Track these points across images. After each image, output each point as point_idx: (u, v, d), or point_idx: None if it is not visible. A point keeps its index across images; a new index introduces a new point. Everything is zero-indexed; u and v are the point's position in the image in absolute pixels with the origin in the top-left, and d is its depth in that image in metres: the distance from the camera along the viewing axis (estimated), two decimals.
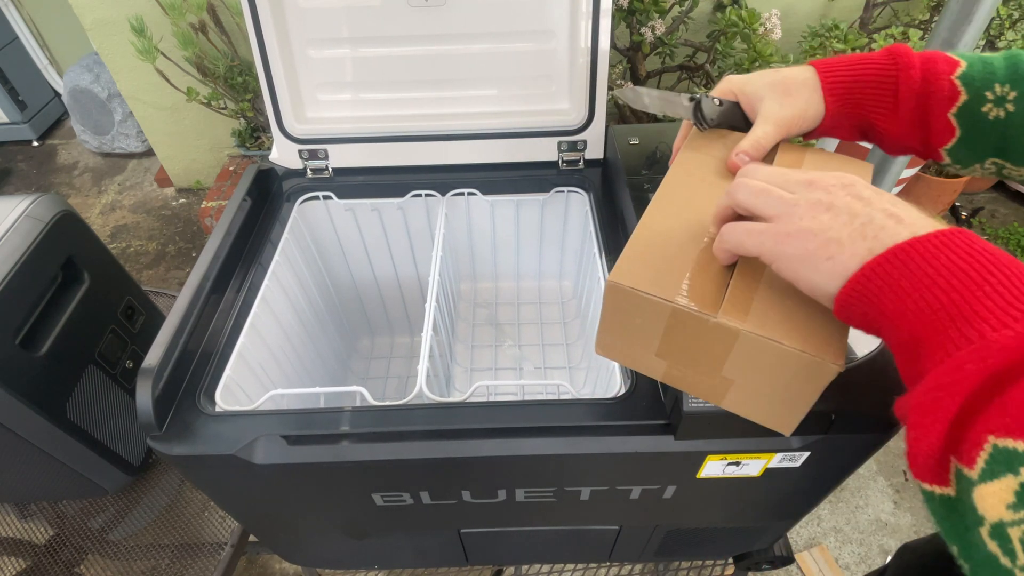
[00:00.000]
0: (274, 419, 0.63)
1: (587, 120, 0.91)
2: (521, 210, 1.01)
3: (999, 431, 0.28)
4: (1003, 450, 0.28)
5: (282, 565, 1.43)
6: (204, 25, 1.86)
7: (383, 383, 1.14)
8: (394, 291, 1.15)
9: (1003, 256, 0.34)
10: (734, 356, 0.43)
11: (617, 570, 1.04)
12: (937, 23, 1.32)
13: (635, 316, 0.45)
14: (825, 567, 1.41)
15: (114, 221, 2.42)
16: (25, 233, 0.81)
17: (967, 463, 0.29)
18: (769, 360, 0.42)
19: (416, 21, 0.85)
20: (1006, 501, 0.27)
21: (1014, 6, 1.83)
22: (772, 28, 1.62)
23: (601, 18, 0.83)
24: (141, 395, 0.60)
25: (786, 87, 0.53)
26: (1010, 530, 0.27)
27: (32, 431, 0.81)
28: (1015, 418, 0.28)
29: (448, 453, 0.61)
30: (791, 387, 0.43)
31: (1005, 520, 0.27)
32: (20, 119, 2.72)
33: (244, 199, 0.86)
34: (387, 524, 0.77)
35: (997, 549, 0.27)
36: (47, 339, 0.83)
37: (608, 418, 0.61)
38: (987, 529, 0.28)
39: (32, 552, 1.00)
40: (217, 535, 1.01)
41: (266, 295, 0.80)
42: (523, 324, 1.15)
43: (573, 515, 0.75)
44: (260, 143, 2.15)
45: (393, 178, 0.95)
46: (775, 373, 0.42)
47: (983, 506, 0.28)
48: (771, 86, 0.54)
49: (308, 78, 0.90)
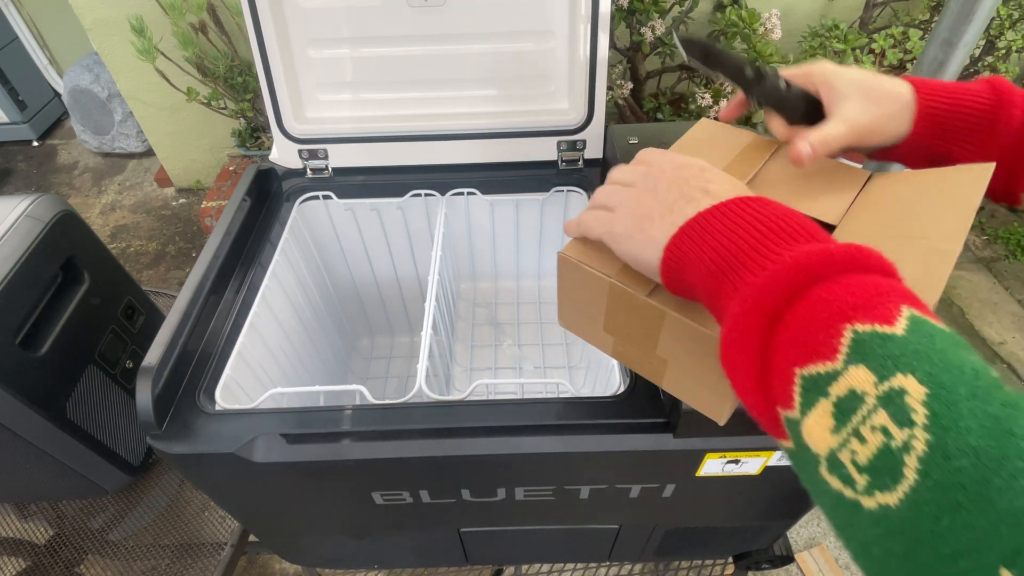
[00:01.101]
0: (274, 418, 0.63)
1: (586, 120, 0.91)
2: (521, 210, 1.01)
3: (799, 361, 0.28)
4: (808, 377, 0.28)
5: (282, 565, 1.43)
6: (204, 25, 1.86)
7: (383, 382, 1.14)
8: (394, 291, 1.15)
9: (774, 211, 0.35)
10: (664, 337, 0.45)
11: (617, 570, 1.04)
12: (937, 23, 1.32)
13: (583, 290, 0.48)
14: (825, 567, 1.41)
15: (114, 221, 2.42)
16: (25, 233, 0.81)
17: (787, 406, 0.29)
18: (694, 344, 0.43)
19: (416, 21, 0.85)
20: (828, 426, 0.27)
21: (1014, 6, 1.83)
22: (772, 28, 1.62)
23: (600, 18, 0.83)
24: (141, 394, 0.60)
25: (876, 95, 0.50)
26: (841, 455, 0.26)
27: (32, 431, 0.82)
28: (802, 342, 0.28)
29: (448, 452, 0.61)
30: (719, 374, 0.43)
31: (834, 447, 0.26)
32: (20, 119, 2.73)
33: (244, 199, 0.86)
34: (387, 523, 0.77)
35: (838, 482, 0.26)
36: (47, 339, 0.83)
37: (607, 416, 0.62)
38: (825, 466, 0.27)
39: (32, 552, 1.01)
40: (217, 535, 1.01)
41: (266, 295, 0.80)
42: (522, 323, 1.15)
43: (573, 514, 0.75)
44: (260, 143, 2.15)
45: (393, 178, 0.95)
46: (702, 358, 0.43)
47: (813, 442, 0.28)
48: (861, 89, 0.50)
49: (308, 78, 0.90)
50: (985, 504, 0.22)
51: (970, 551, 0.22)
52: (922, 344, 0.26)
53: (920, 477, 0.23)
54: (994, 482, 0.22)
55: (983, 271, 2.04)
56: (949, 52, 1.31)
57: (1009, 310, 1.91)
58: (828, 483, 0.27)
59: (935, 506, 0.23)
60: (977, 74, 1.94)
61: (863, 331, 0.27)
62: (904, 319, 0.27)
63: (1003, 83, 0.49)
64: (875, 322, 0.27)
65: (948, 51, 1.31)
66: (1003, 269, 2.04)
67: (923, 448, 0.24)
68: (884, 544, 0.24)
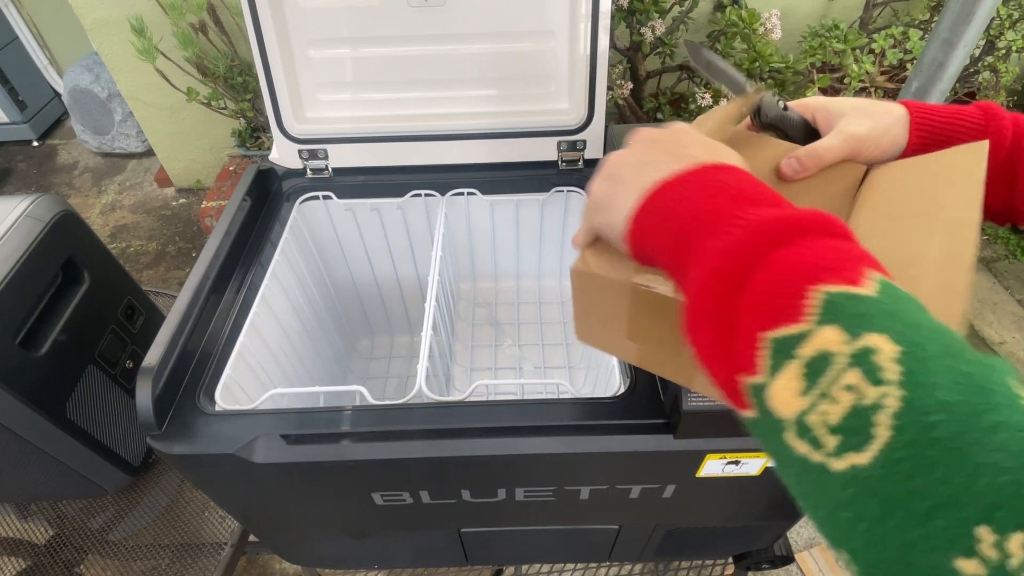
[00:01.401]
0: (274, 418, 0.63)
1: (587, 120, 0.91)
2: (521, 210, 1.01)
3: (766, 324, 0.28)
4: (777, 340, 0.27)
5: (282, 565, 1.43)
6: (204, 25, 1.86)
7: (383, 383, 1.14)
8: (394, 291, 1.15)
9: (738, 178, 0.35)
10: None
11: (617, 570, 1.04)
12: (937, 23, 1.32)
13: (601, 300, 0.46)
14: (825, 567, 1.41)
15: (114, 221, 2.42)
16: (25, 233, 0.81)
17: (752, 372, 0.28)
18: None
19: (416, 21, 0.85)
20: (796, 389, 0.26)
21: (1014, 6, 1.83)
22: (772, 28, 1.62)
23: (601, 18, 0.83)
24: (141, 394, 0.60)
25: (871, 111, 0.52)
26: (809, 418, 0.25)
27: (32, 431, 0.82)
28: (770, 305, 0.28)
29: (448, 452, 0.61)
30: None
31: (803, 409, 0.26)
32: (20, 119, 2.72)
33: (244, 199, 0.86)
34: (387, 523, 0.77)
35: (806, 446, 0.25)
36: (47, 339, 0.83)
37: (607, 417, 0.62)
38: (792, 431, 0.26)
39: (32, 552, 1.01)
40: (217, 535, 1.01)
41: (266, 295, 0.80)
42: (523, 324, 1.15)
43: (573, 514, 0.75)
44: (260, 143, 2.15)
45: (393, 178, 0.95)
46: None
47: (779, 406, 0.27)
48: (856, 107, 0.53)
49: (308, 78, 0.90)
50: (960, 459, 0.21)
51: (946, 508, 0.21)
52: (892, 305, 0.26)
53: (894, 434, 0.23)
54: (969, 436, 0.21)
55: (983, 271, 2.04)
56: (949, 52, 1.31)
57: (1009, 310, 1.91)
58: (794, 449, 0.26)
59: (909, 463, 0.22)
60: (977, 74, 1.94)
61: (834, 292, 0.26)
62: (873, 281, 0.27)
63: (993, 105, 0.50)
64: (844, 283, 0.27)
65: (948, 51, 1.31)
66: (1003, 269, 2.04)
67: (897, 405, 0.23)
68: (854, 507, 0.24)
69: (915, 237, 0.42)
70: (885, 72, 1.87)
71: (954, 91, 1.96)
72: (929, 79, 1.38)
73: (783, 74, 1.66)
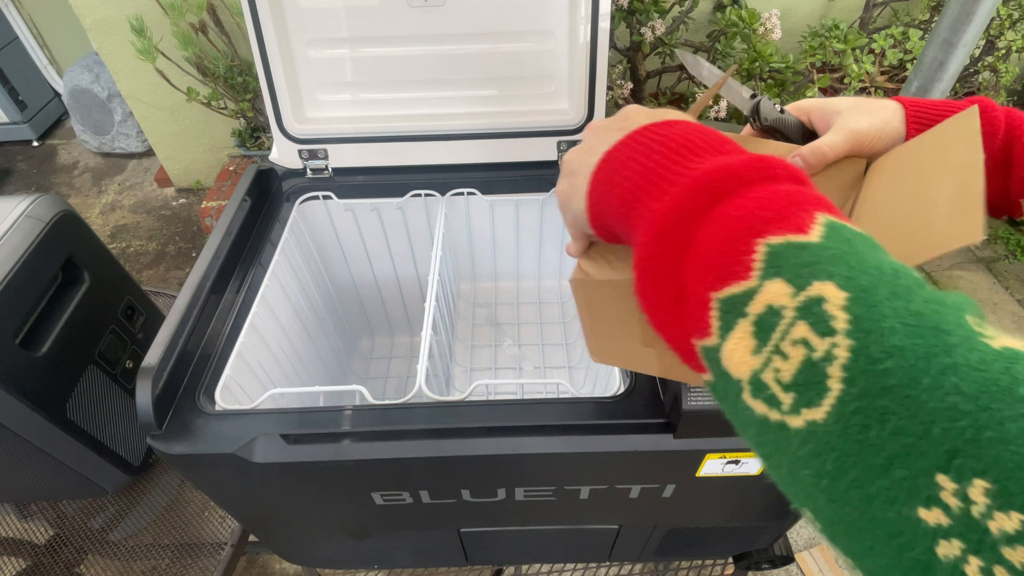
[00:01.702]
0: (274, 418, 0.63)
1: (587, 120, 0.91)
2: (521, 210, 1.01)
3: (714, 284, 0.27)
4: (725, 300, 0.26)
5: (282, 565, 1.43)
6: (204, 25, 1.86)
7: (383, 383, 1.14)
8: (394, 291, 1.15)
9: (680, 131, 0.33)
10: None
11: (617, 570, 1.04)
12: (937, 23, 1.32)
13: (608, 308, 0.44)
14: (825, 567, 1.41)
15: (114, 221, 2.42)
16: (25, 233, 0.81)
17: (704, 334, 0.27)
18: None
19: (416, 21, 0.85)
20: (749, 347, 0.25)
21: (1014, 6, 1.83)
22: (772, 28, 1.62)
23: (600, 18, 0.83)
24: (141, 394, 0.60)
25: (867, 107, 0.52)
26: (764, 376, 0.24)
27: (32, 431, 0.82)
28: (715, 264, 0.27)
29: (448, 452, 0.61)
30: None
31: (756, 368, 0.25)
32: (20, 119, 2.72)
33: (244, 199, 0.86)
34: (387, 523, 0.77)
35: (763, 406, 0.25)
36: (47, 339, 0.83)
37: (607, 417, 0.62)
38: (748, 391, 0.25)
39: (32, 552, 1.01)
40: (217, 535, 1.01)
41: (266, 295, 0.80)
42: (523, 324, 1.15)
43: (573, 514, 0.75)
44: (260, 143, 2.15)
45: (393, 178, 0.95)
46: None
47: (733, 367, 0.26)
48: (852, 104, 0.53)
49: (308, 78, 0.90)
50: (914, 406, 0.20)
51: (903, 459, 0.20)
52: (839, 248, 0.25)
53: (845, 386, 0.22)
54: (922, 382, 0.20)
55: (983, 271, 2.04)
56: (949, 52, 1.31)
57: (1009, 310, 1.91)
58: (752, 409, 0.25)
59: (863, 415, 0.21)
60: (977, 74, 1.94)
61: (776, 243, 0.25)
62: (819, 225, 0.26)
63: (985, 99, 0.50)
64: (788, 232, 0.25)
65: (948, 51, 1.31)
66: (1003, 269, 2.04)
67: (846, 355, 0.22)
68: (813, 464, 0.23)
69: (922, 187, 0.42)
70: (885, 72, 1.87)
71: (954, 91, 1.96)
72: (929, 79, 1.38)
73: (783, 74, 1.66)
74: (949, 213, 0.37)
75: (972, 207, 0.36)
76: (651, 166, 0.32)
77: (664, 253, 0.29)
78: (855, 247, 0.25)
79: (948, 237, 0.35)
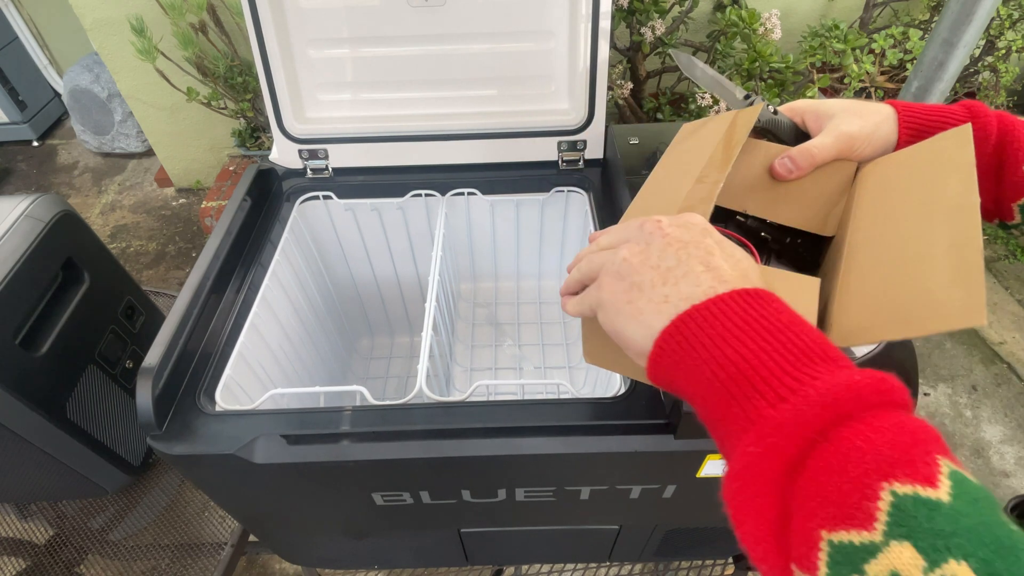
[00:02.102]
0: (274, 418, 0.63)
1: (587, 120, 0.91)
2: (521, 210, 1.01)
3: (826, 523, 0.24)
4: (839, 545, 0.24)
5: (282, 565, 1.43)
6: (204, 25, 1.86)
7: (383, 383, 1.14)
8: (394, 291, 1.15)
9: (783, 318, 0.30)
10: None
11: (617, 570, 1.04)
12: (937, 23, 1.32)
13: None
14: None
15: (114, 221, 2.42)
16: (25, 233, 0.81)
17: (808, 569, 0.25)
18: None
19: (416, 21, 0.85)
20: None
21: (1014, 6, 1.83)
22: (772, 28, 1.62)
23: (601, 18, 0.83)
24: (141, 395, 0.60)
25: (859, 110, 0.52)
26: None
27: (32, 431, 0.81)
28: (831, 500, 0.24)
29: (448, 452, 0.61)
30: None
31: None
32: (20, 119, 2.72)
33: (244, 199, 0.86)
34: (387, 524, 0.77)
35: None
36: (47, 339, 0.83)
37: (608, 417, 0.61)
38: None
39: (32, 552, 1.01)
40: (217, 535, 1.01)
41: (266, 295, 0.80)
42: (523, 324, 1.15)
43: (573, 515, 0.75)
44: (260, 143, 2.15)
45: (393, 178, 0.95)
46: None
47: None
48: (845, 107, 0.53)
49: (308, 78, 0.90)
50: None
51: None
52: (970, 515, 0.22)
53: None
54: None
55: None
56: (949, 52, 1.31)
57: (1009, 310, 1.91)
58: None
59: None
60: (977, 74, 1.94)
61: (904, 494, 0.23)
62: (946, 478, 0.23)
63: (977, 103, 0.50)
64: (916, 481, 0.23)
65: (948, 51, 1.31)
66: (1003, 269, 2.04)
67: None
68: None
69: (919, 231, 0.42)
70: (885, 72, 1.87)
71: (954, 91, 1.96)
72: (929, 79, 1.38)
73: (783, 74, 1.66)
74: (952, 293, 0.36)
75: (974, 285, 0.35)
76: (762, 358, 0.29)
77: (775, 469, 0.27)
78: (983, 512, 0.23)
79: (950, 318, 0.35)
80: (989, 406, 1.69)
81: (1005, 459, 1.58)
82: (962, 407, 1.69)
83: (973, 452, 1.59)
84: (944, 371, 1.77)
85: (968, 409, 1.68)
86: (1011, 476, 1.55)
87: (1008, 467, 1.56)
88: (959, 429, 1.64)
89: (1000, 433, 1.63)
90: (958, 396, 1.71)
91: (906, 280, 0.39)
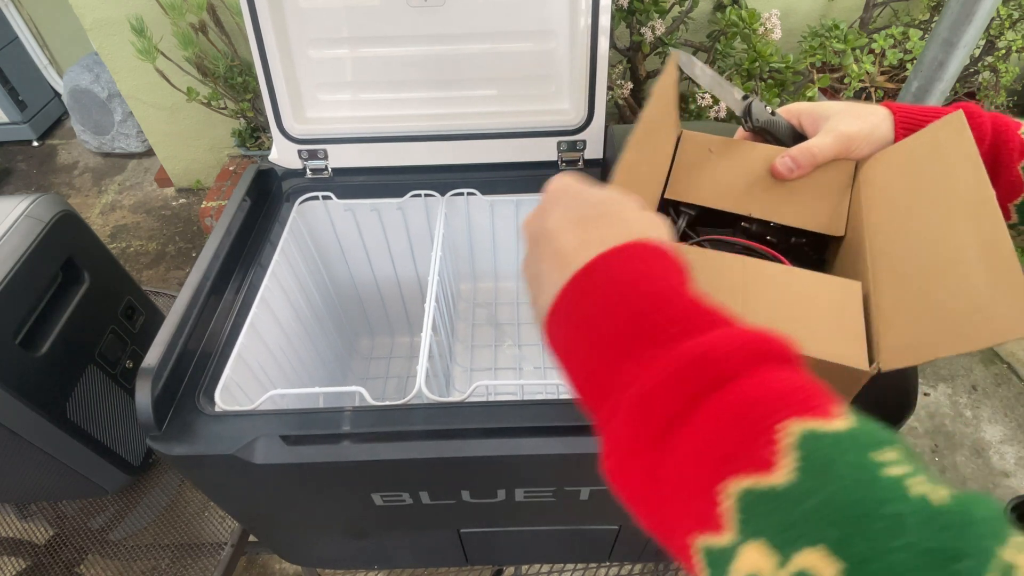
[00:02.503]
0: (273, 419, 0.63)
1: (587, 120, 0.91)
2: (521, 210, 1.01)
3: (728, 470, 0.22)
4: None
5: (282, 565, 1.43)
6: (204, 25, 1.86)
7: (383, 383, 1.14)
8: (394, 291, 1.15)
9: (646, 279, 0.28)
10: None
11: (617, 570, 1.04)
12: (937, 23, 1.32)
13: None
14: None
15: (114, 221, 2.42)
16: (25, 233, 0.81)
17: (712, 528, 0.23)
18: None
19: (416, 21, 0.85)
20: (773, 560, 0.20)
21: (1014, 6, 1.83)
22: (772, 28, 1.62)
23: (601, 18, 0.83)
24: (141, 395, 0.60)
25: (856, 111, 0.53)
26: None
27: (32, 431, 0.82)
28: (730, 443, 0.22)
29: (448, 453, 0.61)
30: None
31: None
32: (20, 119, 2.72)
33: (244, 199, 0.86)
34: (387, 524, 0.77)
35: None
36: (47, 339, 0.83)
37: None
38: None
39: (32, 552, 1.01)
40: (217, 535, 1.01)
41: (266, 295, 0.80)
42: (523, 324, 1.15)
43: (573, 515, 0.75)
44: (260, 143, 2.15)
45: (392, 178, 0.95)
46: None
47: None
48: (842, 108, 0.53)
49: (308, 78, 0.90)
50: None
51: None
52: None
53: None
54: None
55: None
56: (949, 52, 1.31)
57: None
58: None
59: None
60: (977, 74, 1.94)
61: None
62: (843, 414, 0.22)
63: (971, 105, 0.51)
64: (816, 416, 0.22)
65: (948, 51, 1.31)
66: None
67: None
68: None
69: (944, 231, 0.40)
70: (885, 72, 1.87)
71: (954, 91, 1.96)
72: (929, 79, 1.38)
73: (783, 74, 1.66)
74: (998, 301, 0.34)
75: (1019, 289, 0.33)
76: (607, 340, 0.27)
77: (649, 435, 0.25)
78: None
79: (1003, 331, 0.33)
80: (989, 406, 1.69)
81: (1005, 459, 1.58)
82: (962, 407, 1.69)
83: (973, 452, 1.60)
84: (944, 371, 1.77)
85: (968, 409, 1.68)
86: (1011, 476, 1.55)
87: (1008, 467, 1.56)
88: (959, 429, 1.64)
89: (1000, 433, 1.63)
90: (958, 396, 1.71)
91: (946, 289, 0.38)
